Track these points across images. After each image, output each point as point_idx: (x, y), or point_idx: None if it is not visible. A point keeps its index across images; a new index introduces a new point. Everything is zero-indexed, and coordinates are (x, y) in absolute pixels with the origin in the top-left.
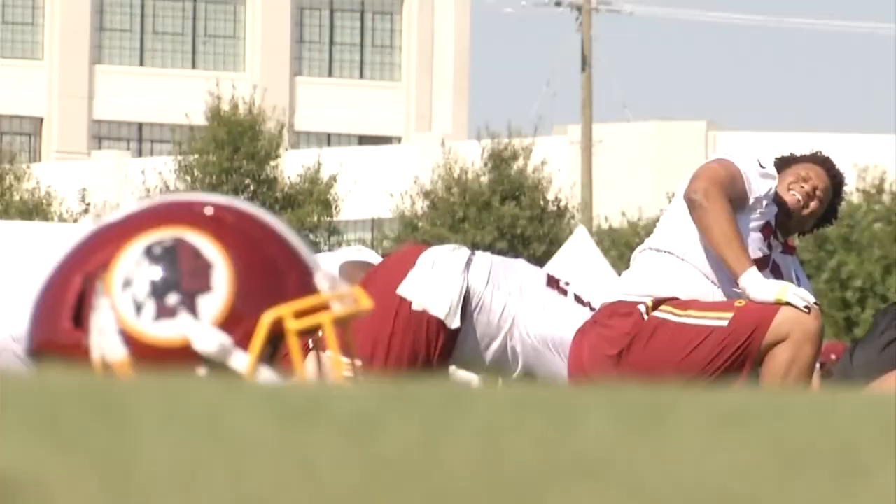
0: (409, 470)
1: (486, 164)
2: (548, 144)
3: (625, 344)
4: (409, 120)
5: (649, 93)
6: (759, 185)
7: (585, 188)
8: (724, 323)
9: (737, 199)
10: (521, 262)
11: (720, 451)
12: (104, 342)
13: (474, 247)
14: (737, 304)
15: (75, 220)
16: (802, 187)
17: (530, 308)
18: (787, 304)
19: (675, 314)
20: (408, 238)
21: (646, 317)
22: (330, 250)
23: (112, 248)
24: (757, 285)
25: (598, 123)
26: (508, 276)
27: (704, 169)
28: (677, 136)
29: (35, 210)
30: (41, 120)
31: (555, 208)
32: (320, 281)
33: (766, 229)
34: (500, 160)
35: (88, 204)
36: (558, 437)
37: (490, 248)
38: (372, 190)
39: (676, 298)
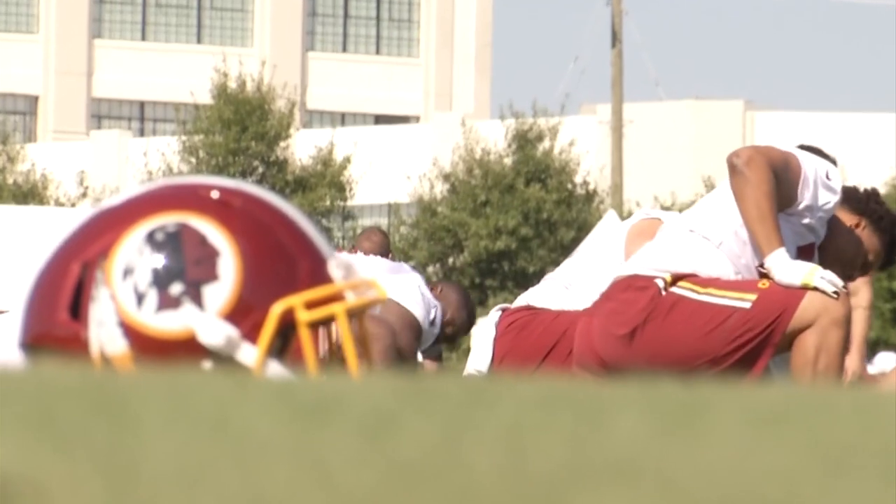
0: (430, 471)
1: (509, 146)
2: (575, 124)
3: (639, 321)
4: (427, 98)
5: (683, 70)
6: (817, 193)
7: (615, 171)
8: (747, 305)
9: (785, 192)
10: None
11: (759, 452)
12: (104, 335)
13: (497, 232)
14: (760, 285)
15: (73, 205)
16: (853, 274)
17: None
18: (815, 288)
19: (694, 291)
20: (426, 224)
21: (663, 292)
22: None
23: (112, 235)
24: (784, 267)
25: (629, 102)
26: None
27: (759, 145)
28: (713, 116)
29: (30, 194)
30: (36, 98)
31: (583, 192)
32: (333, 269)
33: (808, 250)
34: (524, 141)
35: (87, 187)
36: (587, 436)
37: (514, 233)
38: (388, 172)
39: (696, 275)
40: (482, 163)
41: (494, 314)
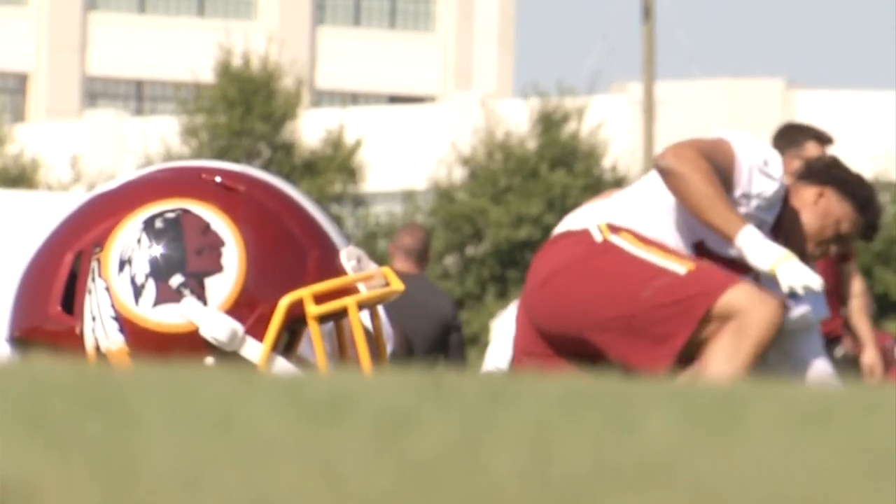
0: (447, 473)
1: (533, 127)
2: (604, 104)
3: (563, 262)
4: (446, 76)
5: (719, 46)
6: (754, 180)
7: (647, 155)
8: (682, 271)
9: (720, 180)
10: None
11: (797, 454)
12: (99, 329)
13: (519, 220)
14: (704, 260)
15: (66, 190)
16: (829, 249)
17: None
18: (775, 277)
19: (631, 244)
20: (443, 211)
21: (599, 237)
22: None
23: (108, 223)
24: (756, 246)
25: (662, 81)
26: None
27: (680, 141)
28: (752, 96)
29: (19, 178)
30: (27, 76)
31: (612, 177)
32: (344, 260)
33: None
34: (549, 122)
35: (81, 172)
36: (615, 437)
37: (537, 221)
38: (403, 156)
39: (637, 232)
40: (504, 146)
41: (514, 309)
